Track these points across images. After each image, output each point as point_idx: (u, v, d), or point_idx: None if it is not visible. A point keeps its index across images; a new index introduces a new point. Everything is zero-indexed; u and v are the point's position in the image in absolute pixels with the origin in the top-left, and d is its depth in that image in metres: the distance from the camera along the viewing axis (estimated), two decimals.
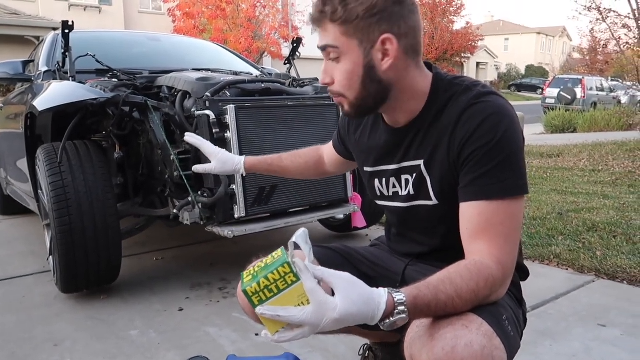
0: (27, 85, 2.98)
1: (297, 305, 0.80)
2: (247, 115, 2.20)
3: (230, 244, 3.04)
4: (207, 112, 2.12)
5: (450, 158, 0.97)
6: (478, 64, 38.75)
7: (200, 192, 2.20)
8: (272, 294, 0.81)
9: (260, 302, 0.81)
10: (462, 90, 0.99)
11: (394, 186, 1.11)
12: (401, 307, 0.80)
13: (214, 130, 2.12)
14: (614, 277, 2.42)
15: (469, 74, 35.56)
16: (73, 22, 2.61)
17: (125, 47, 3.36)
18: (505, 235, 0.91)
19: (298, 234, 0.84)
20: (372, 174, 1.16)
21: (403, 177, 1.08)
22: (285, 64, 3.37)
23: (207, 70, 2.88)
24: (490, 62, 40.31)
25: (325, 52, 0.97)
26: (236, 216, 2.19)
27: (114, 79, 2.46)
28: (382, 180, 1.14)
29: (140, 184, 2.51)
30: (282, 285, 0.81)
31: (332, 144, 1.38)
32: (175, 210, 2.26)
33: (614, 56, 12.03)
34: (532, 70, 40.23)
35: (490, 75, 39.07)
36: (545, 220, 3.32)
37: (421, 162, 1.03)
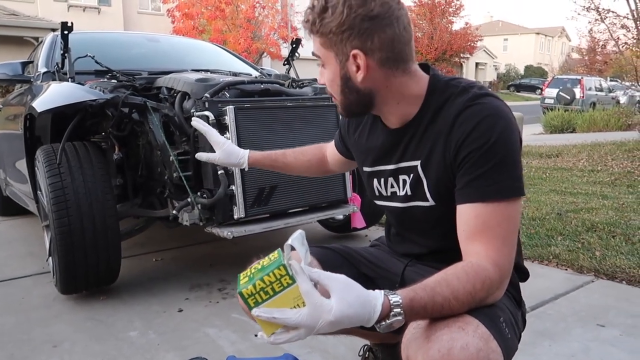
0: (26, 86, 2.98)
1: (293, 308, 0.80)
2: (246, 116, 2.20)
3: (230, 244, 3.04)
4: (207, 113, 2.12)
5: (446, 160, 0.98)
6: (477, 64, 38.78)
7: (199, 193, 2.20)
8: (268, 296, 0.81)
9: (256, 304, 0.81)
10: (459, 92, 0.99)
11: (392, 186, 1.12)
12: (397, 309, 0.80)
13: None
14: (613, 277, 2.43)
15: (468, 74, 35.62)
16: (72, 23, 2.61)
17: (125, 48, 3.36)
18: (502, 237, 0.91)
19: (294, 236, 0.84)
20: (371, 174, 1.16)
21: (401, 178, 1.09)
22: (284, 64, 3.37)
23: (206, 71, 2.88)
24: (489, 62, 40.35)
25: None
26: (235, 217, 2.19)
27: (113, 80, 2.46)
28: (381, 180, 1.14)
29: (139, 185, 2.51)
30: (278, 287, 0.81)
31: (334, 143, 1.39)
32: (174, 211, 2.26)
33: (613, 56, 12.05)
34: (531, 70, 40.26)
35: (489, 76, 39.10)
36: (544, 221, 3.32)
37: (418, 163, 1.04)
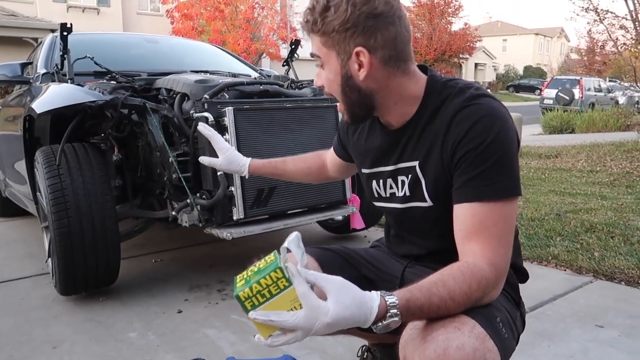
0: (26, 87, 2.98)
1: (290, 310, 0.80)
2: (245, 117, 2.20)
3: (229, 245, 3.04)
4: (206, 114, 2.12)
5: (444, 160, 0.98)
6: (476, 64, 38.80)
7: (198, 194, 2.20)
8: (264, 298, 0.81)
9: (253, 307, 0.81)
10: (456, 93, 0.99)
11: (390, 187, 1.12)
12: (393, 310, 0.80)
13: None
14: (611, 278, 2.43)
15: (468, 75, 35.64)
16: (71, 24, 2.61)
17: (124, 49, 3.36)
18: (498, 237, 0.91)
19: (290, 239, 0.84)
20: (370, 175, 1.17)
21: (399, 178, 1.09)
22: (283, 65, 3.37)
23: (206, 72, 2.89)
24: (488, 63, 40.37)
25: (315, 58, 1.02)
26: (235, 218, 2.19)
27: (113, 81, 2.46)
28: (380, 181, 1.14)
29: (138, 186, 2.51)
30: (275, 290, 0.81)
31: (333, 149, 1.39)
32: (173, 212, 2.26)
33: (612, 57, 12.06)
34: (530, 71, 40.29)
35: (488, 76, 39.13)
36: (543, 221, 3.33)
37: (416, 164, 1.04)
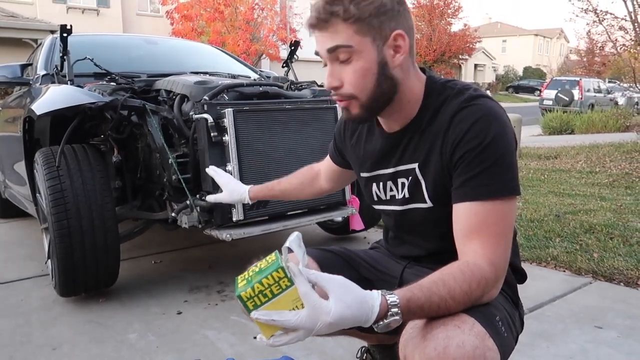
0: (25, 88, 2.98)
1: (292, 310, 0.81)
2: (245, 119, 2.20)
3: (229, 247, 3.04)
4: (205, 115, 2.12)
5: (443, 160, 0.99)
6: (476, 65, 38.82)
7: (198, 196, 2.20)
8: (266, 298, 0.81)
9: (255, 307, 0.82)
10: (454, 94, 1.00)
11: (391, 189, 1.12)
12: (394, 309, 0.81)
13: (212, 134, 2.12)
14: (610, 279, 2.43)
15: (467, 76, 35.65)
16: (71, 25, 2.61)
17: (124, 51, 3.36)
18: (497, 235, 0.92)
19: (291, 239, 0.84)
20: (369, 179, 1.17)
21: (399, 181, 1.09)
22: (283, 67, 3.37)
23: (205, 73, 2.89)
24: (488, 63, 40.39)
25: (333, 55, 0.96)
26: (234, 219, 2.20)
27: (112, 83, 2.46)
28: (380, 184, 1.15)
29: (138, 187, 2.51)
30: (277, 289, 0.81)
31: (328, 157, 1.39)
32: (173, 214, 2.26)
33: (611, 58, 12.08)
34: (529, 72, 40.31)
35: (488, 77, 39.15)
36: (543, 222, 3.33)
37: (416, 166, 1.05)
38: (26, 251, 3.14)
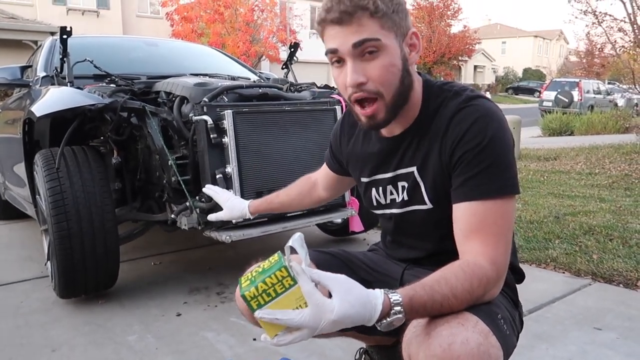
0: (25, 90, 2.98)
1: (295, 309, 0.81)
2: (244, 121, 2.21)
3: (228, 248, 3.04)
4: (205, 117, 2.13)
5: (442, 161, 1.00)
6: (475, 67, 38.85)
7: (197, 197, 2.21)
8: (270, 297, 0.82)
9: (259, 306, 0.82)
10: (452, 95, 1.02)
11: (391, 193, 1.13)
12: (397, 308, 0.81)
13: (211, 136, 2.12)
14: (610, 281, 2.43)
15: (467, 77, 35.69)
16: (71, 27, 2.62)
17: (123, 53, 3.37)
18: (498, 234, 0.93)
19: (294, 238, 0.85)
20: (369, 183, 1.17)
21: (399, 184, 1.10)
22: (282, 68, 3.38)
23: (205, 75, 2.89)
24: (487, 65, 40.42)
25: (358, 50, 0.93)
26: (234, 221, 2.20)
27: (112, 85, 2.46)
28: (379, 188, 1.15)
29: (138, 189, 2.51)
30: (280, 288, 0.82)
31: (325, 165, 1.38)
32: (173, 215, 2.26)
33: (610, 59, 12.09)
34: (529, 73, 40.34)
35: (487, 79, 39.18)
36: (542, 224, 3.33)
37: (414, 169, 1.05)
38: (26, 253, 3.14)
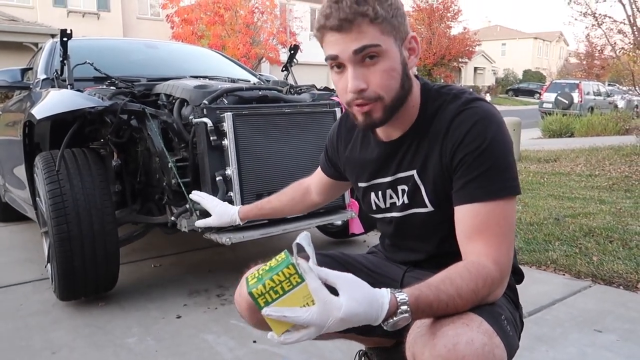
0: (26, 92, 2.99)
1: (303, 306, 0.81)
2: (244, 123, 2.21)
3: (228, 250, 3.04)
4: (205, 119, 2.13)
5: (443, 164, 1.00)
6: (475, 68, 38.89)
7: None
8: (277, 295, 0.82)
9: (266, 304, 0.82)
10: (451, 98, 1.02)
11: (390, 197, 1.13)
12: (404, 307, 0.81)
13: (211, 138, 2.12)
14: (610, 283, 2.43)
15: (467, 79, 35.70)
16: (71, 30, 2.62)
17: (123, 55, 3.37)
18: (500, 235, 0.93)
19: (301, 237, 0.85)
20: (367, 188, 1.17)
21: (399, 188, 1.10)
22: (282, 70, 3.38)
23: (205, 77, 2.89)
24: (487, 67, 40.46)
25: (359, 56, 0.93)
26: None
27: (112, 87, 2.47)
28: (378, 193, 1.15)
29: (138, 191, 2.51)
30: (287, 286, 0.82)
31: (319, 170, 1.38)
32: (173, 218, 2.26)
33: (610, 61, 12.10)
34: (529, 75, 40.37)
35: (487, 80, 39.20)
36: (542, 226, 3.33)
37: (414, 172, 1.06)
38: (26, 255, 3.14)
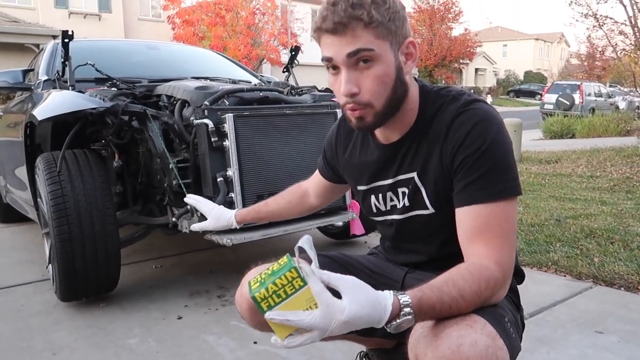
0: (27, 94, 2.99)
1: (306, 310, 0.81)
2: (245, 124, 2.21)
3: (229, 251, 3.04)
4: (206, 120, 2.13)
5: (443, 166, 1.00)
6: (477, 70, 38.88)
7: None
8: (280, 299, 0.82)
9: (269, 308, 0.82)
10: (450, 100, 1.02)
11: (391, 200, 1.13)
12: (407, 309, 0.81)
13: (212, 139, 2.13)
14: (611, 284, 2.43)
15: (468, 80, 35.69)
16: (73, 31, 2.63)
17: (125, 56, 3.38)
18: (502, 236, 0.93)
19: (303, 240, 0.85)
20: (367, 191, 1.17)
21: (400, 190, 1.10)
22: (283, 71, 3.38)
23: (206, 78, 2.90)
24: (488, 68, 40.45)
25: (352, 60, 0.93)
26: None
27: (113, 88, 2.47)
28: (379, 195, 1.15)
29: (139, 192, 2.52)
30: (290, 290, 0.82)
31: (317, 173, 1.38)
32: (174, 219, 2.26)
33: (611, 62, 12.10)
34: (530, 76, 40.35)
35: (488, 81, 39.18)
36: (543, 227, 3.33)
37: (414, 174, 1.06)
38: (27, 256, 3.14)
